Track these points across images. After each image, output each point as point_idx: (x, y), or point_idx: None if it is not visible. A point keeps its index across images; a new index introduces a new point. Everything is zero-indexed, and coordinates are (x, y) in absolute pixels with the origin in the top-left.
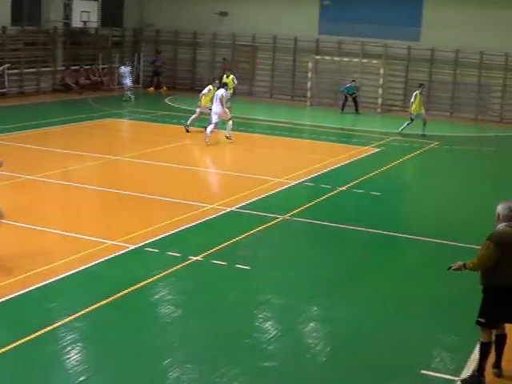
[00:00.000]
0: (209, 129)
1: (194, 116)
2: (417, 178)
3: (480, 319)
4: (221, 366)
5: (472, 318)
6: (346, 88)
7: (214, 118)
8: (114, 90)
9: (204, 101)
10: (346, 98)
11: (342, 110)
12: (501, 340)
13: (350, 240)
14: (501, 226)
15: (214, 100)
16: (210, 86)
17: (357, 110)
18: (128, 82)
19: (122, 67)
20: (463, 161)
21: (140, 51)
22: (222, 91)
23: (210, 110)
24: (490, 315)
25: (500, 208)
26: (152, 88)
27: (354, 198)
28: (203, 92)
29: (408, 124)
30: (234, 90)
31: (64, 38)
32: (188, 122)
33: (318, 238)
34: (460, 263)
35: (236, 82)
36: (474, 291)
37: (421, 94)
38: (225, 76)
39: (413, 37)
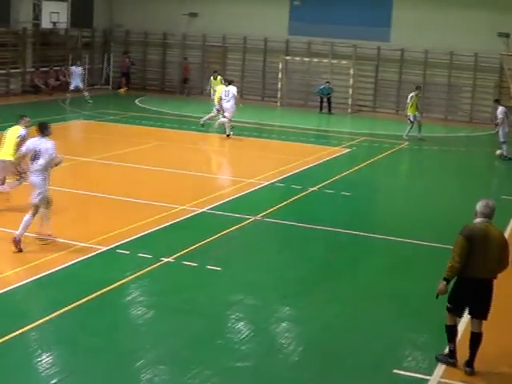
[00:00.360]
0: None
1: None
2: (387, 178)
3: (448, 304)
4: (193, 366)
5: (441, 316)
6: (321, 89)
7: (227, 114)
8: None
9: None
10: (322, 98)
11: (321, 110)
12: (473, 338)
13: (320, 240)
14: (475, 221)
15: (225, 95)
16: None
17: (330, 110)
18: (77, 82)
19: (73, 67)
20: (433, 161)
21: (110, 52)
22: (234, 89)
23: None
24: (456, 303)
25: (478, 204)
26: (122, 89)
27: (325, 199)
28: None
29: (410, 128)
30: None
31: (33, 39)
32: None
33: (290, 239)
34: (440, 285)
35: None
36: None
37: (417, 96)
38: (212, 78)
39: (382, 37)
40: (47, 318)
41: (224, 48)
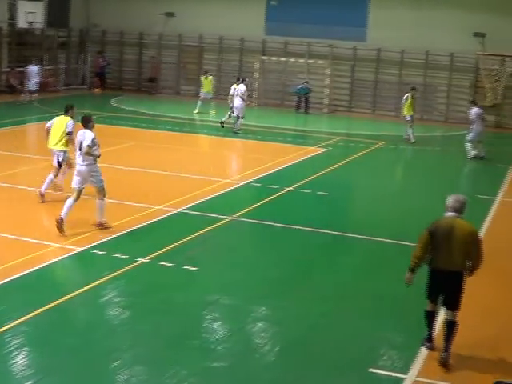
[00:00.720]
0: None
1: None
2: (363, 177)
3: (426, 292)
4: (170, 367)
5: (417, 316)
6: (298, 89)
7: (236, 112)
8: (60, 90)
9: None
10: (300, 98)
11: (297, 109)
12: (448, 326)
13: (296, 240)
14: (445, 215)
15: (235, 95)
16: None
17: (307, 110)
18: (33, 83)
19: (30, 66)
20: (408, 160)
21: (86, 52)
22: (243, 87)
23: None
24: (429, 291)
25: (448, 199)
26: (97, 89)
27: (301, 198)
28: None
29: (411, 127)
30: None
31: (9, 39)
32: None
33: (266, 238)
34: (407, 274)
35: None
36: (419, 289)
37: (413, 97)
38: (203, 77)
39: (359, 37)
40: (23, 318)
41: (200, 48)
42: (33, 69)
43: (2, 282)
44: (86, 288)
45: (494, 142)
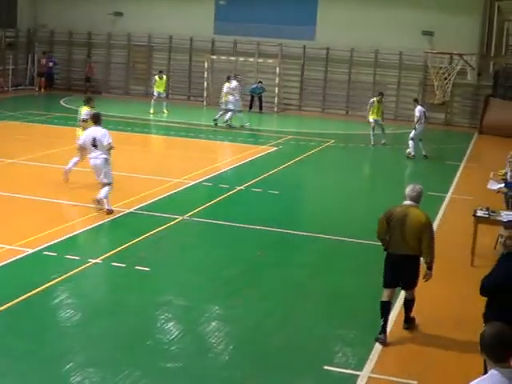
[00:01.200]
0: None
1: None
2: (314, 176)
3: (383, 280)
4: (123, 368)
5: (370, 312)
6: (253, 89)
7: (230, 106)
8: (8, 91)
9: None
10: (253, 97)
11: (250, 108)
12: (406, 303)
13: (249, 239)
14: (403, 203)
15: (228, 93)
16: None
17: (261, 109)
18: None
19: None
20: (358, 159)
21: (34, 52)
22: (234, 83)
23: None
24: (385, 277)
25: (406, 188)
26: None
27: (253, 197)
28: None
29: (373, 131)
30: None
31: None
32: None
33: (218, 238)
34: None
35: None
36: (371, 286)
37: (379, 102)
38: (157, 77)
39: (308, 36)
40: None
41: (149, 47)
42: None
43: None
44: (37, 290)
45: (443, 139)
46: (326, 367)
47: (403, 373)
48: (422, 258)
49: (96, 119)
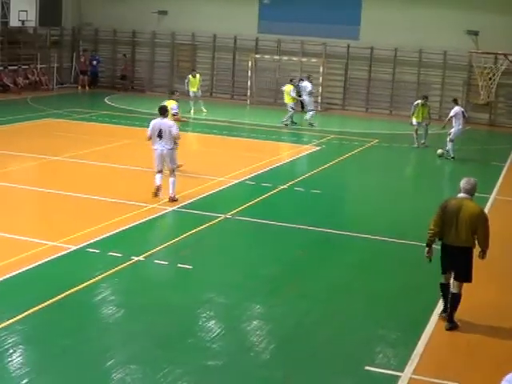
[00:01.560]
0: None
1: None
2: (357, 175)
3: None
4: (164, 365)
5: (412, 313)
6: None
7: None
8: (53, 89)
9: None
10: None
11: (302, 109)
12: (452, 298)
13: (290, 238)
14: (457, 195)
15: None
16: None
17: (303, 108)
18: None
19: None
20: (402, 159)
21: (79, 50)
22: (308, 84)
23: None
24: (442, 264)
25: (461, 181)
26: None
27: (295, 197)
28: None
29: (417, 134)
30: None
31: (1, 38)
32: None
33: (260, 237)
34: (425, 250)
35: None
36: (413, 287)
37: (423, 105)
38: (191, 76)
39: (352, 35)
40: (17, 318)
41: (193, 46)
42: None
43: None
44: (79, 287)
45: (487, 140)
46: (367, 367)
47: (445, 374)
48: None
49: (162, 111)
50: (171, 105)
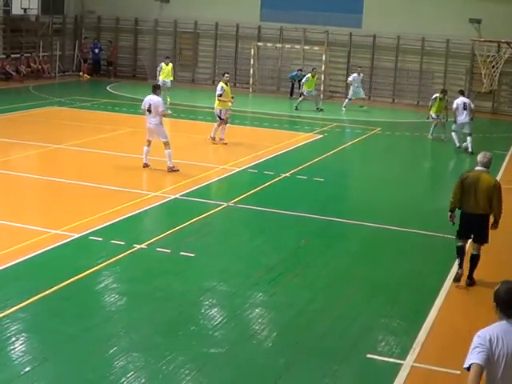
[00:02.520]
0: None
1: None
2: (359, 163)
3: (457, 230)
4: (167, 353)
5: (414, 302)
6: (292, 76)
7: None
8: (55, 77)
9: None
10: (293, 84)
11: (291, 95)
12: (472, 258)
13: (293, 226)
14: (475, 168)
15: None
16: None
17: (294, 95)
18: None
19: None
20: (405, 147)
21: (81, 38)
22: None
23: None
24: (460, 230)
25: (478, 155)
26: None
27: (298, 184)
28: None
29: (434, 126)
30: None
31: (4, 26)
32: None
33: (262, 225)
34: (448, 214)
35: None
36: (415, 275)
37: (441, 99)
38: (164, 64)
39: (354, 23)
40: (20, 305)
41: (196, 34)
42: None
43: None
44: (82, 275)
45: (490, 128)
46: (369, 355)
47: (446, 362)
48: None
49: (154, 88)
50: (219, 85)
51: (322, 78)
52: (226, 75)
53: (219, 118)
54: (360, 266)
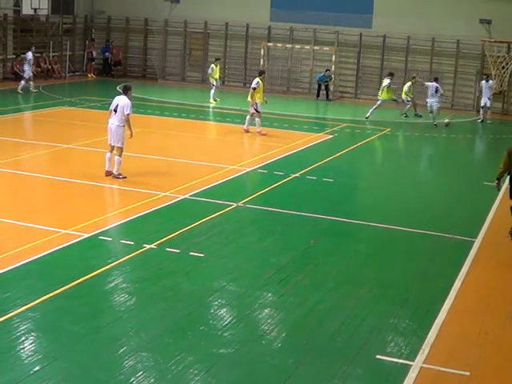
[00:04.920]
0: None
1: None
2: (369, 164)
3: (509, 194)
4: (176, 353)
5: (423, 302)
6: (320, 77)
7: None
8: (66, 77)
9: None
10: (320, 85)
11: (317, 97)
12: None
13: (302, 226)
14: None
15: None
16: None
17: (327, 97)
18: (28, 70)
19: (29, 52)
20: (415, 147)
21: (91, 38)
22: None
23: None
24: (510, 192)
25: None
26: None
27: (307, 185)
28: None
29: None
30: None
31: (14, 26)
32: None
33: (271, 225)
34: (495, 182)
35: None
36: (424, 276)
37: (413, 84)
38: (214, 65)
39: (364, 24)
40: (29, 305)
41: (206, 34)
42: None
43: (9, 268)
44: (92, 274)
45: (500, 129)
46: (378, 356)
47: (456, 363)
48: None
49: (125, 89)
50: (255, 80)
51: (333, 79)
52: (263, 74)
53: (256, 110)
54: (369, 266)
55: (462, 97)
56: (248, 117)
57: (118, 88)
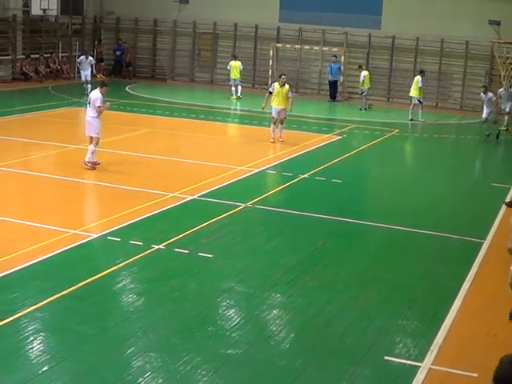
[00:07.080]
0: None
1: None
2: (377, 165)
3: None
4: (184, 353)
5: (432, 304)
6: (333, 70)
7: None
8: (74, 78)
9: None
10: (331, 84)
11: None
12: None
13: (311, 227)
14: None
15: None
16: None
17: (335, 97)
18: (88, 73)
19: (83, 56)
20: (423, 148)
21: (100, 39)
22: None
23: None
24: None
25: None
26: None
27: (316, 186)
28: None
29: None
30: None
31: (23, 26)
32: None
33: (280, 226)
34: None
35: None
36: (432, 278)
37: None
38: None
39: (373, 25)
40: (38, 305)
41: (215, 35)
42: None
43: (17, 268)
44: (100, 275)
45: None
46: (386, 357)
47: (464, 365)
48: None
49: (101, 85)
50: (286, 88)
51: (341, 80)
52: (283, 76)
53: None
54: (378, 267)
55: (471, 98)
56: (272, 125)
57: (126, 88)
